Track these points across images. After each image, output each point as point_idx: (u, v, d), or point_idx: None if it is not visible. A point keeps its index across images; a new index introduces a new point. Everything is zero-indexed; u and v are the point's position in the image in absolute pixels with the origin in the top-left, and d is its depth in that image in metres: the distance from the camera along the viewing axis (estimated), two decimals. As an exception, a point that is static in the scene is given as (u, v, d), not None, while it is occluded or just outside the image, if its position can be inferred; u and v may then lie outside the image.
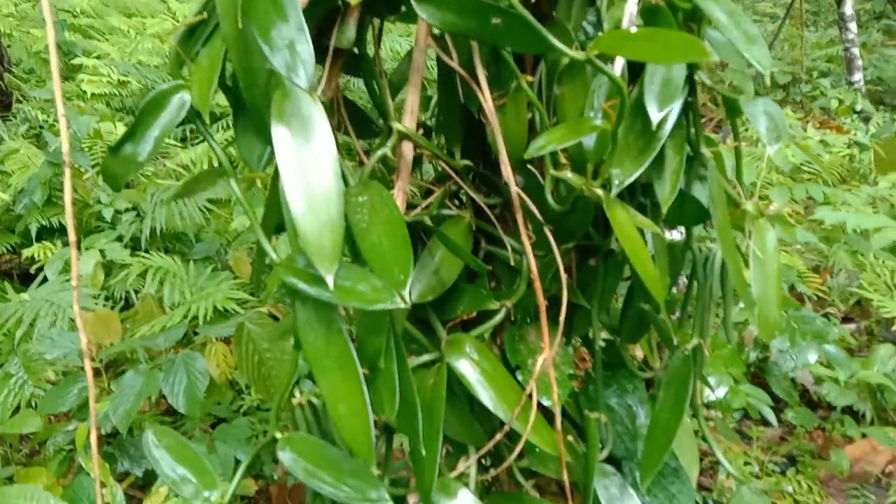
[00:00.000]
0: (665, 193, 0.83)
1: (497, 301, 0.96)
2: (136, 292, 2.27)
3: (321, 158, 0.64)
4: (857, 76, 4.99)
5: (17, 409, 1.73)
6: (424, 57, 0.88)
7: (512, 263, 0.95)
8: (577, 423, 1.08)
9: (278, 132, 0.63)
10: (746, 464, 1.99)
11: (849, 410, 2.12)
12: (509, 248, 0.95)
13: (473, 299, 0.98)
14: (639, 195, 0.92)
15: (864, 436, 2.01)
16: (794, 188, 1.59)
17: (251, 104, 0.67)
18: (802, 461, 1.99)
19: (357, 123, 0.93)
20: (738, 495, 0.86)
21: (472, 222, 0.98)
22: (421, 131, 1.01)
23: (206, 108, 0.63)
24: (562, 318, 0.85)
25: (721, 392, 1.18)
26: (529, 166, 0.88)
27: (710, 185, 0.81)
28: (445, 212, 0.99)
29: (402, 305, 0.62)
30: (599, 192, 0.79)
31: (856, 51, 5.00)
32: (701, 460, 2.09)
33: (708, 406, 1.93)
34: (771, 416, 1.19)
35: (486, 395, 0.89)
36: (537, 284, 0.85)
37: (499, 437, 0.90)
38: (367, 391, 0.81)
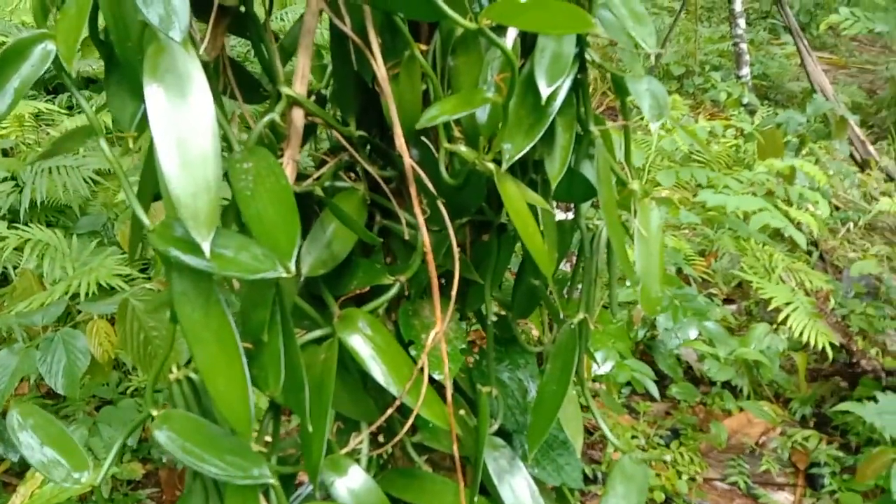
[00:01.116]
0: (555, 170, 0.84)
1: (391, 276, 0.95)
2: (15, 268, 2.12)
3: (198, 118, 0.60)
4: (745, 71, 5.26)
5: None
6: (316, 20, 0.85)
7: (406, 238, 0.94)
8: (470, 398, 1.09)
9: (151, 89, 0.59)
10: (633, 437, 2.08)
11: (728, 385, 2.25)
12: (404, 222, 0.94)
13: (367, 274, 0.97)
14: (531, 171, 0.93)
15: (741, 409, 2.14)
16: (679, 171, 1.66)
17: (123, 59, 0.63)
18: (685, 434, 2.10)
19: (246, 88, 0.89)
20: (619, 464, 0.89)
21: (366, 195, 0.96)
22: (315, 99, 0.99)
23: (71, 60, 0.59)
24: (453, 293, 0.85)
25: (607, 367, 1.22)
26: (424, 139, 0.87)
27: (597, 163, 0.82)
28: (339, 184, 0.96)
29: (285, 275, 0.60)
30: (491, 166, 0.79)
31: (744, 46, 5.26)
32: (591, 434, 2.17)
33: (595, 380, 1.99)
34: (654, 390, 1.24)
35: (378, 371, 0.88)
36: (430, 259, 0.85)
37: (390, 412, 0.89)
38: (251, 367, 0.78)
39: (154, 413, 0.72)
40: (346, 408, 0.97)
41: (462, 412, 1.05)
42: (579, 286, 1.03)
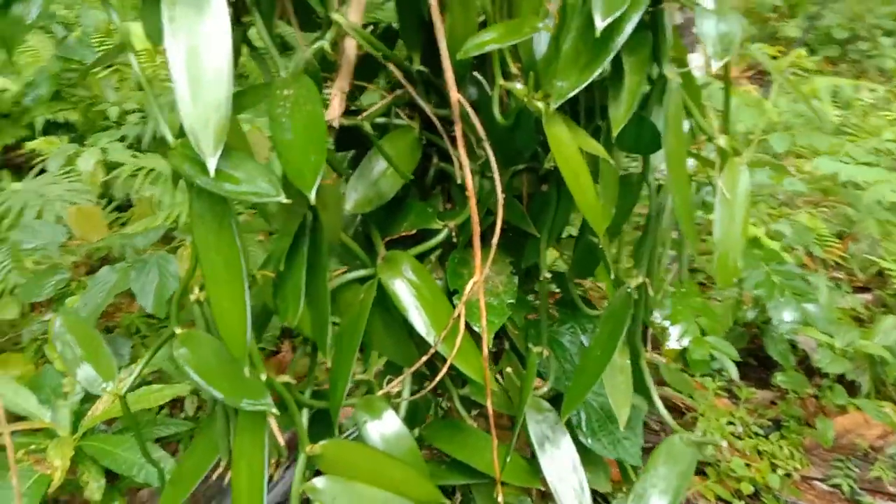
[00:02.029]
0: (618, 114, 0.76)
1: (441, 221, 0.91)
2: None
3: (212, 36, 0.58)
4: (921, 38, 4.66)
5: (1, 295, 1.75)
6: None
7: (459, 182, 0.90)
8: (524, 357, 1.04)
9: (168, 4, 0.58)
10: (729, 423, 1.94)
11: (845, 381, 2.05)
12: (456, 165, 0.89)
13: (419, 217, 0.93)
14: (597, 118, 0.85)
15: (857, 408, 1.94)
16: (797, 136, 1.48)
17: (150, -29, 0.62)
18: (788, 426, 1.93)
19: (303, 14, 0.87)
20: (667, 443, 0.82)
21: (422, 136, 0.92)
22: (381, 33, 0.95)
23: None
24: (494, 240, 0.80)
25: (685, 341, 1.12)
26: (479, 76, 0.82)
27: (666, 109, 0.73)
28: (397, 121, 0.93)
29: (285, 200, 0.58)
30: (540, 105, 0.72)
31: (923, 10, 4.65)
32: (682, 414, 2.04)
33: (663, 354, 1.87)
34: (734, 371, 1.13)
35: (417, 316, 0.86)
36: (472, 202, 0.80)
37: (425, 358, 0.86)
38: (276, 297, 0.78)
39: (178, 331, 0.73)
40: (390, 352, 0.95)
41: (509, 370, 1.00)
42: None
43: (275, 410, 0.67)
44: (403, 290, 0.87)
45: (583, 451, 1.08)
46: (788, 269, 1.45)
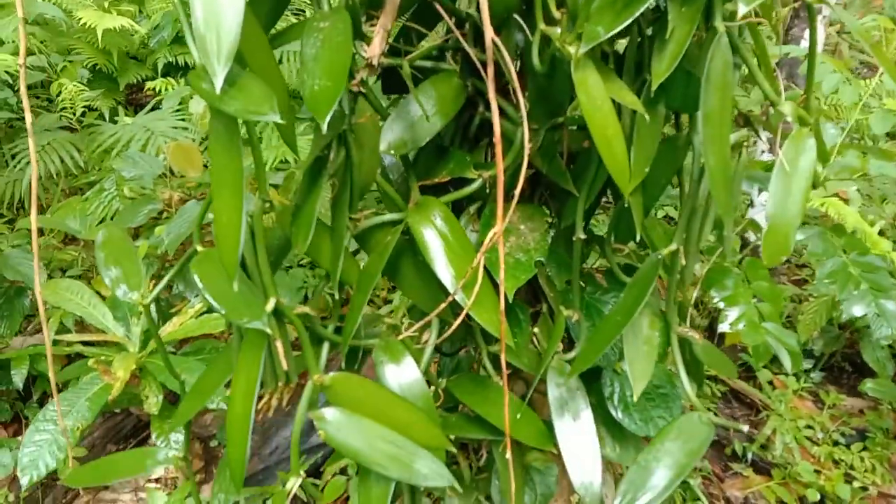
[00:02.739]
0: (660, 67, 0.71)
1: (476, 171, 0.89)
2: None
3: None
4: None
5: (104, 220, 1.89)
6: None
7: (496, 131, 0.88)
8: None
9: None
10: (808, 427, 1.82)
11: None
12: (495, 114, 0.87)
13: (457, 165, 0.92)
14: (646, 71, 0.81)
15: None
16: None
17: None
18: (873, 438, 1.79)
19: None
20: (682, 419, 0.78)
21: (467, 83, 0.90)
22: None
23: None
24: (516, 191, 0.77)
25: (740, 325, 1.04)
26: (519, 19, 0.79)
27: (710, 61, 0.68)
28: (444, 66, 0.92)
29: (279, 120, 0.58)
30: (571, 49, 0.69)
31: None
32: (757, 412, 1.93)
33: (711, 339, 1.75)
34: (787, 362, 1.04)
35: (441, 264, 0.85)
36: (498, 149, 0.78)
37: (444, 305, 0.85)
38: (293, 224, 0.79)
39: (199, 249, 0.76)
40: (418, 298, 0.95)
41: (536, 330, 0.98)
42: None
43: (269, 331, 0.68)
44: (431, 236, 0.86)
45: (614, 424, 1.05)
46: (870, 261, 1.33)
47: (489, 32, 0.75)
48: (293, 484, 0.83)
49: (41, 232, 2.03)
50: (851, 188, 1.91)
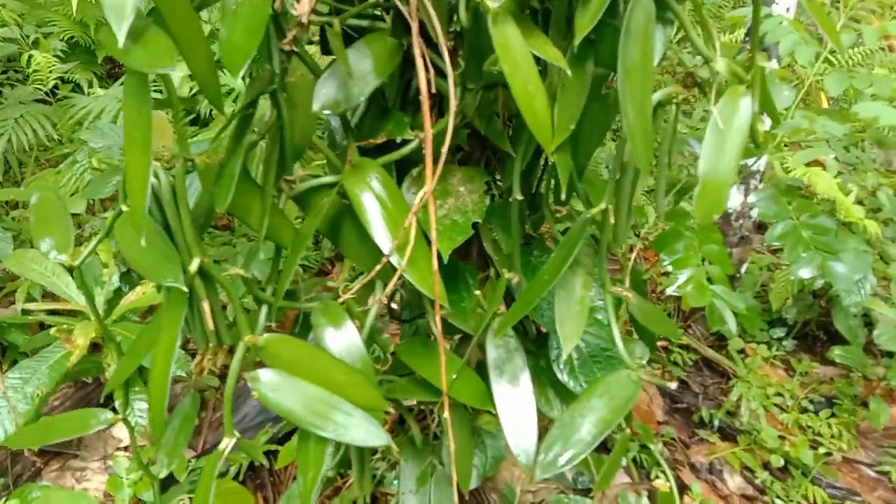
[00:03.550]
0: (583, 21, 0.70)
1: (414, 131, 0.89)
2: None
3: None
4: None
5: (76, 192, 1.89)
6: None
7: (433, 90, 0.87)
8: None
9: None
10: (778, 394, 1.83)
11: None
12: (430, 72, 0.86)
13: (395, 126, 0.91)
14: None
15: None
16: (857, 77, 1.30)
17: None
18: (840, 405, 1.80)
19: None
20: (609, 378, 0.78)
21: (403, 41, 0.89)
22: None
23: None
24: (443, 150, 0.77)
25: (688, 288, 1.04)
26: (443, -27, 0.78)
27: (629, 14, 0.67)
28: (380, 25, 0.91)
29: (172, 71, 0.58)
30: (490, 3, 0.68)
31: None
32: (728, 379, 1.94)
33: (662, 298, 1.75)
34: (732, 324, 1.04)
35: (376, 225, 0.85)
36: (425, 106, 0.77)
37: (378, 266, 0.85)
38: (216, 184, 0.79)
39: (124, 208, 0.76)
40: (360, 261, 0.95)
41: (478, 293, 0.98)
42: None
43: (184, 288, 0.68)
44: (368, 198, 0.85)
45: (562, 386, 1.06)
46: (820, 223, 1.32)
47: (412, -13, 0.74)
48: (226, 444, 0.83)
49: (15, 205, 2.03)
50: (829, 156, 1.90)
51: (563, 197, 0.77)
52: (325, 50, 0.97)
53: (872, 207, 2.26)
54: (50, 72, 2.13)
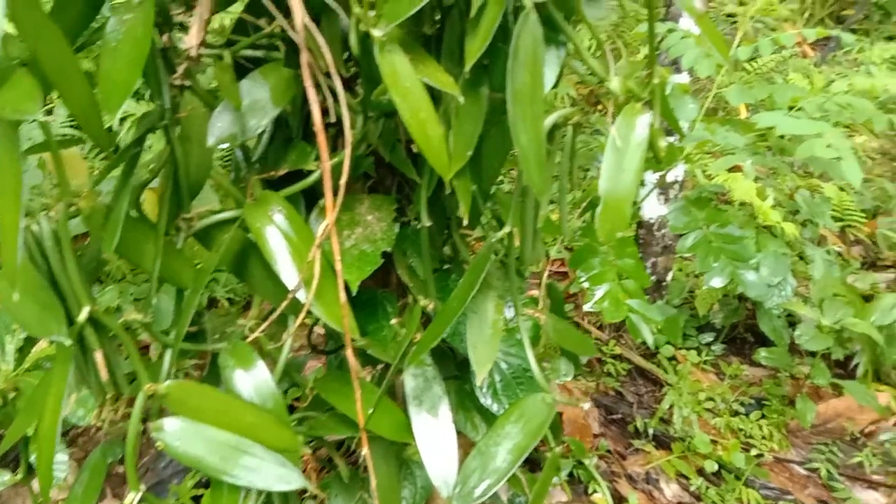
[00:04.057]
0: (472, 47, 0.70)
1: (317, 161, 0.87)
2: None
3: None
4: None
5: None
6: None
7: (333, 120, 0.86)
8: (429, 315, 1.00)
9: None
10: (709, 399, 1.86)
11: (847, 363, 1.93)
12: (329, 101, 0.85)
13: (298, 157, 0.90)
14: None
15: (842, 391, 1.83)
16: (756, 87, 1.35)
17: None
18: (769, 406, 1.84)
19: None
20: (523, 401, 0.77)
21: (299, 71, 0.88)
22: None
23: None
24: (342, 182, 0.75)
25: (605, 304, 1.05)
26: (331, 2, 0.76)
27: (516, 37, 0.67)
28: (275, 55, 0.89)
29: (42, 118, 0.55)
30: (376, 33, 0.67)
31: None
32: (661, 387, 1.96)
33: (585, 315, 1.79)
34: (649, 338, 1.06)
35: (284, 263, 0.82)
36: (320, 138, 0.75)
37: (286, 303, 0.83)
38: (104, 228, 0.75)
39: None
40: (269, 296, 0.92)
41: (394, 321, 0.97)
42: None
43: (67, 342, 0.65)
44: (271, 233, 0.83)
45: (486, 411, 1.05)
46: (729, 232, 1.35)
47: (298, 17, 0.73)
48: (132, 499, 0.79)
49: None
50: (746, 162, 1.95)
51: (465, 223, 0.76)
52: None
53: (792, 209, 2.34)
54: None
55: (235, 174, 1.01)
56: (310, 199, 0.98)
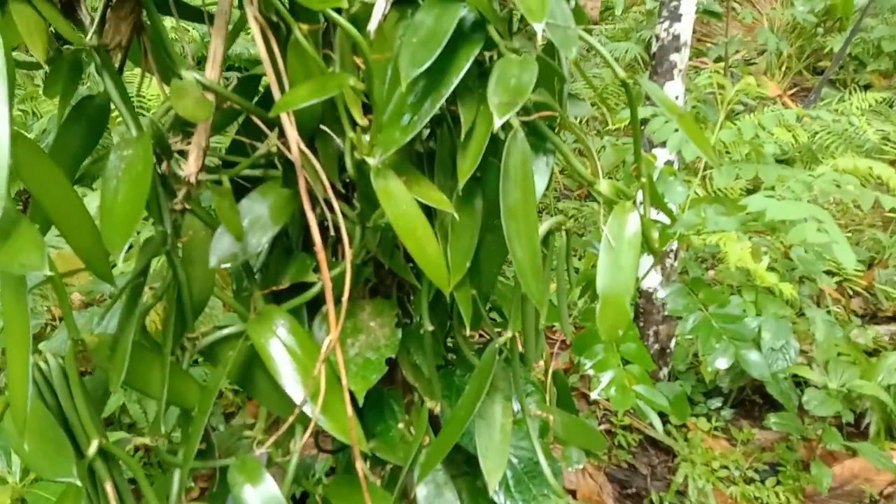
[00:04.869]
0: (464, 166, 0.73)
1: (317, 273, 0.89)
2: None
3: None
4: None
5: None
6: (229, 0, 0.80)
7: (331, 232, 0.88)
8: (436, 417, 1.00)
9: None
10: (723, 467, 1.84)
11: (860, 422, 1.92)
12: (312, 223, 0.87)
13: (299, 270, 0.91)
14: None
15: (856, 452, 1.80)
16: (742, 168, 1.38)
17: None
18: (784, 471, 1.81)
19: (166, 69, 0.86)
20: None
21: (297, 188, 0.90)
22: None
23: None
24: (346, 293, 0.77)
25: (611, 391, 1.05)
26: (325, 128, 0.79)
27: (506, 156, 0.70)
28: (273, 173, 0.91)
29: (49, 273, 0.56)
30: (371, 161, 0.69)
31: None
32: (674, 457, 1.94)
33: (591, 403, 1.78)
34: (658, 424, 1.06)
35: (289, 377, 0.83)
36: (321, 256, 0.77)
37: (292, 419, 0.83)
38: (111, 360, 0.76)
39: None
40: (275, 406, 0.92)
41: (401, 426, 0.97)
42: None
43: (78, 483, 0.65)
44: (275, 347, 0.84)
45: (498, 508, 1.03)
46: (729, 311, 1.37)
47: (294, 143, 0.76)
48: None
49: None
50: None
51: (467, 331, 0.78)
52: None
53: (788, 267, 2.35)
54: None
55: (237, 285, 1.03)
56: (311, 305, 0.99)
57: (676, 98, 1.74)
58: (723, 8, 4.25)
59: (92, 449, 0.71)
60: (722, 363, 1.33)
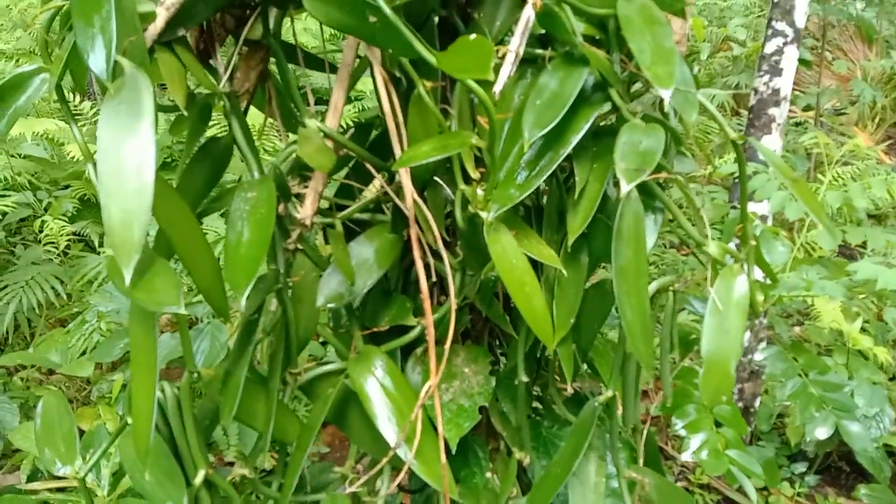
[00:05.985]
0: (574, 223, 0.73)
1: (416, 317, 0.90)
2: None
3: (139, 151, 0.62)
4: None
5: (84, 352, 1.90)
6: (353, 53, 0.84)
7: (433, 278, 0.89)
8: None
9: (104, 120, 0.62)
10: (808, 539, 1.75)
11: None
12: (420, 263, 0.88)
13: (398, 312, 0.93)
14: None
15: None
16: (850, 231, 1.33)
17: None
18: (873, 547, 1.71)
19: (289, 116, 0.91)
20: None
21: (403, 232, 0.93)
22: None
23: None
24: (448, 339, 0.78)
25: (703, 454, 1.01)
26: (438, 179, 0.81)
27: (619, 218, 0.70)
28: (380, 217, 0.94)
29: (182, 312, 0.59)
30: (484, 215, 0.71)
31: None
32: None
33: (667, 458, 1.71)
34: (752, 492, 1.02)
35: (384, 418, 0.84)
36: (426, 304, 0.79)
37: (385, 461, 0.84)
38: (222, 393, 0.79)
39: (130, 421, 0.76)
40: (368, 447, 0.94)
41: (489, 475, 0.96)
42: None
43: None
44: (372, 387, 0.86)
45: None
46: (830, 380, 1.31)
47: (409, 195, 0.78)
48: None
49: (23, 366, 2.04)
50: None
51: (568, 387, 0.78)
52: (326, 240, 1.00)
53: (882, 330, 2.25)
54: (61, 236, 2.20)
55: (335, 323, 1.05)
56: (405, 347, 1.01)
57: (775, 151, 1.70)
58: (814, 56, 4.16)
59: (199, 478, 0.74)
60: (822, 433, 1.27)
